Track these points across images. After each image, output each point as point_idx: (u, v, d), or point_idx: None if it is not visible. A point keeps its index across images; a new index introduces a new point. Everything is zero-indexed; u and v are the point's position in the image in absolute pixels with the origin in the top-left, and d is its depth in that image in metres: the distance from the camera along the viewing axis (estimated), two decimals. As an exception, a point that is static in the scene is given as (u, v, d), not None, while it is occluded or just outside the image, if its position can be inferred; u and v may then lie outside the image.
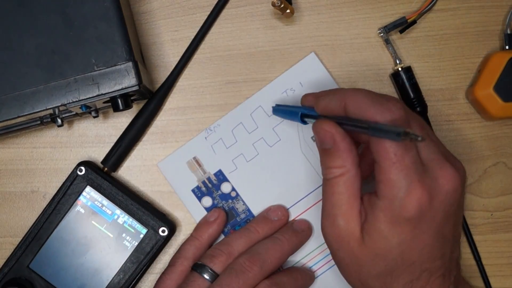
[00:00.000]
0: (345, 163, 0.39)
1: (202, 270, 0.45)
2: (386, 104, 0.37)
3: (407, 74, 0.48)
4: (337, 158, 0.39)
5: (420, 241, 0.38)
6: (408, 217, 0.36)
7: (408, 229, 0.37)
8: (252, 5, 0.50)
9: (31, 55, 0.43)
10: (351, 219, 0.39)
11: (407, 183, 0.36)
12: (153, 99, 0.49)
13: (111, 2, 0.43)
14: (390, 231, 0.37)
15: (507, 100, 0.47)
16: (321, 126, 0.39)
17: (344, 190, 0.39)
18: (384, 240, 0.38)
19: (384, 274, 0.39)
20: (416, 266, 0.38)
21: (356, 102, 0.38)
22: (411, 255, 0.38)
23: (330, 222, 0.39)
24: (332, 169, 0.39)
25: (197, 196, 0.49)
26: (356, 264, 0.39)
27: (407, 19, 0.49)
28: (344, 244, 0.39)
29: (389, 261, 0.38)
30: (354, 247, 0.39)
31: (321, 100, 0.41)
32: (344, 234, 0.39)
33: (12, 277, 0.47)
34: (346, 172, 0.39)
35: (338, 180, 0.39)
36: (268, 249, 0.45)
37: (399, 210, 0.36)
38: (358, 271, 0.39)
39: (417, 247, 0.38)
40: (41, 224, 0.47)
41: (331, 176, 0.39)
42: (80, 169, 0.47)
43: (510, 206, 0.50)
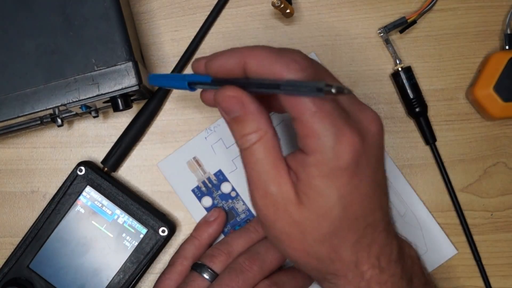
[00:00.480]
0: (260, 126, 0.36)
1: (202, 270, 0.45)
2: (291, 56, 0.34)
3: (407, 74, 0.48)
4: (250, 123, 0.36)
5: (359, 192, 0.35)
6: (344, 165, 0.34)
7: (346, 180, 0.34)
8: (252, 5, 0.50)
9: (31, 55, 0.43)
10: (283, 182, 0.35)
11: (335, 129, 0.33)
12: (153, 99, 0.49)
13: (111, 2, 0.43)
14: (328, 186, 0.34)
15: (507, 100, 0.47)
16: (224, 94, 0.36)
17: (267, 155, 0.36)
18: (323, 197, 0.34)
19: (330, 236, 0.35)
20: (360, 221, 0.36)
21: (258, 59, 0.35)
22: (354, 209, 0.35)
23: (261, 192, 0.36)
24: (248, 136, 0.36)
25: (197, 196, 0.49)
26: (297, 231, 0.36)
27: (407, 19, 0.49)
28: (281, 211, 0.36)
29: (333, 220, 0.35)
30: (293, 212, 0.35)
31: (215, 61, 0.37)
32: (280, 200, 0.35)
33: (12, 277, 0.47)
34: (263, 135, 0.36)
35: (257, 146, 0.36)
36: (268, 249, 0.45)
37: (332, 160, 0.34)
38: (301, 239, 0.36)
39: (357, 199, 0.35)
40: (41, 224, 0.47)
41: (248, 144, 0.36)
42: (80, 169, 0.47)
43: (510, 206, 0.50)
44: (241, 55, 0.36)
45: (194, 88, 0.40)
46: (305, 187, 0.35)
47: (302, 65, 0.34)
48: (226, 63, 0.36)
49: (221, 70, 0.37)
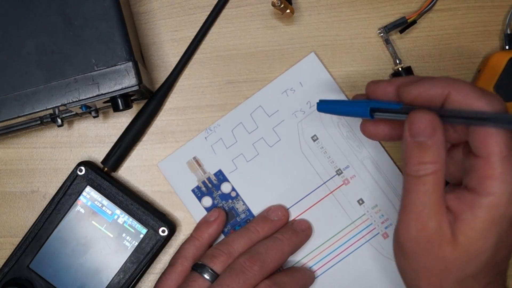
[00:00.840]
0: (439, 159, 0.35)
1: (202, 270, 0.45)
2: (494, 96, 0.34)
3: (407, 74, 0.48)
4: (434, 152, 0.35)
5: (509, 240, 0.36)
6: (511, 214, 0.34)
7: (506, 228, 0.35)
8: (252, 5, 0.50)
9: (31, 55, 0.43)
10: (443, 220, 0.35)
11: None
12: (153, 99, 0.49)
13: (111, 2, 0.43)
14: (490, 231, 0.35)
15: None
16: (421, 115, 0.35)
17: (436, 189, 0.35)
18: (482, 241, 0.35)
19: (470, 277, 0.36)
20: (497, 267, 0.37)
21: (463, 91, 0.35)
22: (500, 254, 0.36)
23: (420, 225, 0.36)
24: (426, 164, 0.35)
25: (197, 196, 0.49)
26: (442, 269, 0.36)
27: (407, 19, 0.49)
28: (435, 247, 0.36)
29: (481, 263, 0.36)
30: (446, 250, 0.35)
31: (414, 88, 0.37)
32: (435, 236, 0.36)
33: (12, 277, 0.47)
34: (439, 169, 0.35)
35: (430, 178, 0.35)
36: (268, 249, 0.45)
37: (505, 206, 0.34)
38: (441, 276, 0.37)
39: (505, 247, 0.36)
40: (41, 224, 0.47)
41: (423, 172, 0.35)
42: (80, 169, 0.47)
43: (510, 206, 0.50)
44: (446, 85, 0.35)
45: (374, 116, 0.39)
46: (466, 228, 0.35)
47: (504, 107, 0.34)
48: (428, 91, 0.36)
49: (420, 97, 0.36)
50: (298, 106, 0.49)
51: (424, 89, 0.36)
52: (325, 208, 0.49)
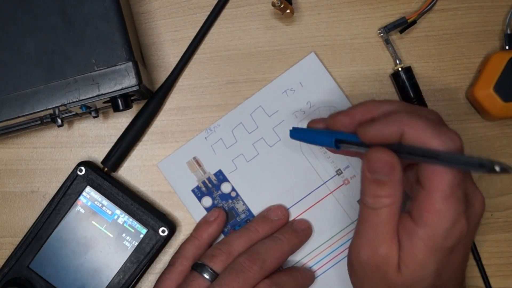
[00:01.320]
0: (396, 193, 0.37)
1: (202, 270, 0.45)
2: (449, 134, 0.35)
3: (407, 74, 0.48)
4: (390, 188, 0.37)
5: (452, 266, 0.38)
6: (449, 245, 0.36)
7: (445, 256, 0.37)
8: (252, 5, 0.50)
9: (31, 55, 0.43)
10: (392, 248, 0.37)
11: (456, 216, 0.35)
12: (153, 99, 0.49)
13: (111, 2, 0.43)
14: (429, 260, 0.36)
15: (507, 100, 0.47)
16: (378, 155, 0.36)
17: (389, 220, 0.37)
18: (422, 269, 0.37)
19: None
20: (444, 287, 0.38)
21: (417, 130, 0.36)
22: (443, 279, 0.38)
23: (371, 250, 0.38)
24: (382, 198, 0.37)
25: (197, 196, 0.49)
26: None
27: (407, 19, 0.49)
28: (381, 273, 0.38)
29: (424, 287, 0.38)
30: (391, 277, 0.37)
31: (370, 129, 0.38)
32: (384, 263, 0.37)
33: (12, 277, 0.47)
34: (394, 203, 0.37)
35: (386, 210, 0.37)
36: (268, 249, 0.45)
37: (442, 239, 0.36)
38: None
39: (448, 272, 0.38)
40: (41, 224, 0.47)
41: (379, 205, 0.37)
42: (80, 169, 0.47)
43: (510, 206, 0.50)
44: (400, 124, 0.36)
45: (339, 146, 0.40)
46: (407, 257, 0.37)
47: (458, 146, 0.35)
48: (383, 131, 0.37)
49: (376, 137, 0.37)
50: (298, 106, 0.49)
51: (378, 130, 0.37)
52: (325, 208, 0.49)
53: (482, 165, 0.31)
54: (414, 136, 0.35)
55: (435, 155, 0.34)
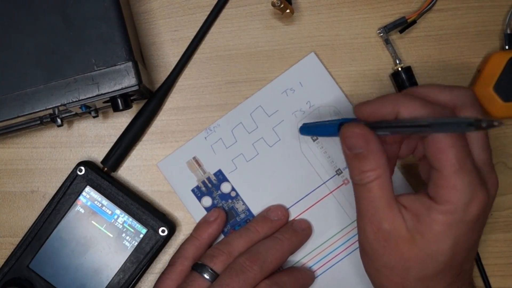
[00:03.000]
0: (379, 165, 0.38)
1: (202, 270, 0.45)
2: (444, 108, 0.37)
3: (407, 74, 0.48)
4: (371, 161, 0.38)
5: (469, 243, 0.38)
6: (468, 220, 0.36)
7: (464, 232, 0.37)
8: (252, 5, 0.50)
9: (31, 55, 0.43)
10: (396, 221, 0.38)
11: (471, 188, 0.36)
12: (153, 99, 0.49)
13: (111, 2, 0.43)
14: (447, 234, 0.37)
15: (507, 100, 0.47)
16: (351, 130, 0.38)
17: (382, 194, 0.38)
18: (439, 242, 0.37)
19: (430, 277, 0.38)
20: (458, 267, 0.38)
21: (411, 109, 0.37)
22: (459, 256, 0.38)
23: (375, 228, 0.38)
24: (367, 172, 0.38)
25: (197, 196, 0.49)
26: (402, 267, 0.38)
27: (407, 19, 0.49)
28: (392, 246, 0.38)
29: (439, 263, 0.38)
30: (403, 249, 0.38)
31: (366, 107, 0.39)
32: (392, 236, 0.38)
33: (12, 277, 0.47)
34: (381, 174, 0.38)
35: (375, 184, 0.38)
36: (268, 249, 0.45)
37: (461, 213, 0.36)
38: (402, 275, 0.38)
39: (465, 249, 0.38)
40: (41, 224, 0.47)
41: (367, 180, 0.38)
42: (80, 169, 0.47)
43: (510, 206, 0.50)
44: (395, 104, 0.37)
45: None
46: (424, 228, 0.37)
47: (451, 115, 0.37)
48: (378, 110, 0.38)
49: (372, 116, 0.39)
50: (298, 106, 0.49)
51: (374, 108, 0.39)
52: (325, 208, 0.49)
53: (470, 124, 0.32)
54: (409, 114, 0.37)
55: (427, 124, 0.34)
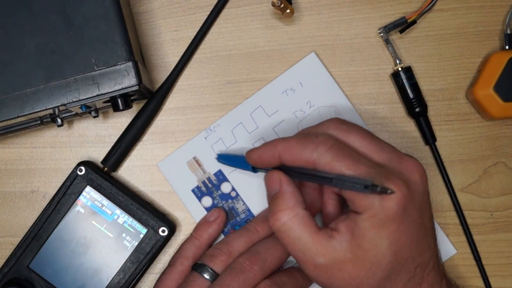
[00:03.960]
0: (293, 204, 0.40)
1: (202, 270, 0.45)
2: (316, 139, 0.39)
3: (407, 74, 0.48)
4: (285, 200, 0.40)
5: (407, 236, 0.38)
6: (392, 215, 0.37)
7: (395, 227, 0.38)
8: (252, 5, 0.50)
9: (31, 55, 0.43)
10: (328, 251, 0.38)
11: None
12: (153, 99, 0.49)
13: (111, 2, 0.43)
14: (379, 235, 0.38)
15: (507, 100, 0.47)
16: (270, 174, 0.42)
17: (303, 232, 0.39)
18: (376, 247, 0.38)
19: (384, 281, 0.39)
20: (410, 262, 0.39)
21: (288, 149, 0.40)
22: (403, 252, 0.38)
23: (311, 266, 0.39)
24: (281, 212, 0.40)
25: (197, 196, 0.49)
26: (355, 285, 0.39)
27: (407, 19, 0.49)
28: (336, 273, 0.39)
29: (385, 265, 0.38)
30: (348, 269, 0.38)
31: (253, 152, 0.43)
32: (330, 266, 0.39)
33: (12, 277, 0.47)
34: (297, 213, 0.39)
35: (290, 224, 0.39)
36: (268, 249, 0.45)
37: (381, 212, 0.37)
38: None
39: (406, 243, 0.38)
40: (41, 224, 0.47)
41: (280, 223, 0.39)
42: (80, 169, 0.47)
43: (510, 206, 0.50)
44: (275, 147, 0.41)
45: (257, 170, 0.45)
46: (359, 240, 0.38)
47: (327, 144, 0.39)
48: (262, 154, 0.42)
49: (260, 160, 0.42)
50: (298, 106, 0.49)
51: (259, 153, 0.42)
52: (325, 208, 0.49)
53: (366, 186, 0.36)
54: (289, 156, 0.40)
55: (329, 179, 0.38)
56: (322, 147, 0.39)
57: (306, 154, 0.39)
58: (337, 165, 0.38)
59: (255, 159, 0.43)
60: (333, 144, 0.39)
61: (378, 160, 0.40)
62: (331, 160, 0.38)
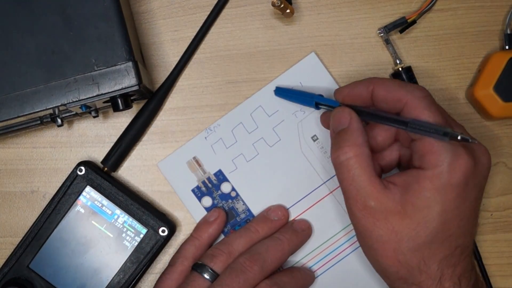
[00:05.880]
0: (358, 143, 0.40)
1: (203, 270, 0.45)
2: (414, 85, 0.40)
3: (407, 74, 0.48)
4: (350, 137, 0.40)
5: (459, 211, 0.38)
6: (455, 182, 0.37)
7: (452, 197, 0.38)
8: (252, 5, 0.50)
9: (31, 55, 0.43)
10: (381, 196, 0.39)
11: (453, 150, 0.37)
12: (153, 99, 0.49)
13: (111, 2, 0.43)
14: (435, 199, 0.38)
15: (507, 100, 0.47)
16: (339, 110, 0.42)
17: (362, 172, 0.39)
18: (428, 208, 0.38)
19: (423, 247, 0.39)
20: (452, 239, 0.39)
21: (385, 86, 0.40)
22: (451, 225, 0.38)
23: (360, 206, 0.39)
24: (345, 148, 0.40)
25: (197, 196, 0.49)
26: (394, 240, 0.39)
27: (407, 19, 0.49)
28: (381, 221, 0.39)
29: (431, 231, 0.38)
30: (393, 222, 0.38)
31: (343, 88, 0.43)
32: (379, 212, 0.39)
33: (12, 277, 0.47)
34: (360, 153, 0.39)
35: (353, 162, 0.39)
36: (268, 249, 0.45)
37: (447, 175, 0.37)
38: (395, 248, 0.39)
39: (456, 218, 0.38)
40: (41, 224, 0.47)
41: (344, 157, 0.40)
42: (80, 169, 0.47)
43: (510, 206, 0.50)
44: (370, 83, 0.41)
45: (319, 107, 0.46)
46: (413, 197, 0.38)
47: (424, 93, 0.39)
48: (354, 89, 0.42)
49: (349, 96, 0.43)
50: (298, 106, 0.49)
51: (351, 88, 0.43)
52: (325, 208, 0.49)
53: (446, 133, 0.36)
54: (383, 91, 0.40)
55: (404, 123, 0.38)
56: (419, 93, 0.39)
57: (401, 92, 0.39)
58: (427, 113, 0.38)
59: (346, 93, 0.43)
60: (428, 94, 0.40)
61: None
62: (424, 107, 0.39)
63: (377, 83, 0.41)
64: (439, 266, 0.39)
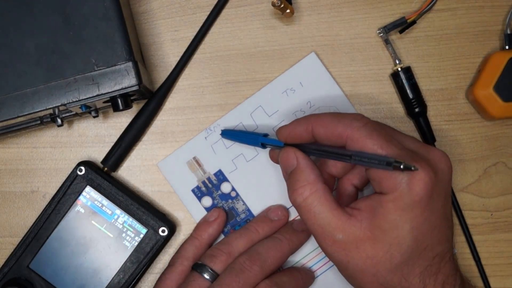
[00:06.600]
0: (312, 180, 0.40)
1: (202, 270, 0.45)
2: (352, 116, 0.40)
3: (406, 74, 0.48)
4: (303, 177, 0.40)
5: (430, 223, 0.38)
6: (418, 199, 0.37)
7: (419, 212, 0.37)
8: (252, 5, 0.50)
9: (31, 55, 0.43)
10: (347, 227, 0.39)
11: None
12: (153, 99, 0.49)
13: (111, 2, 0.43)
14: (402, 218, 0.37)
15: (507, 100, 0.47)
16: (284, 152, 0.42)
17: (323, 208, 0.39)
18: (397, 229, 0.37)
19: (401, 265, 0.38)
20: (429, 250, 0.39)
21: (323, 123, 0.40)
22: (424, 239, 0.38)
23: (329, 242, 0.39)
24: (300, 189, 0.40)
25: (197, 196, 0.49)
26: (371, 265, 0.39)
27: (407, 19, 0.49)
28: (354, 251, 0.39)
29: (405, 249, 0.38)
30: (366, 249, 0.38)
31: (285, 128, 0.43)
32: (349, 243, 0.39)
33: (12, 277, 0.47)
34: (317, 189, 0.39)
35: (311, 200, 0.39)
36: (268, 249, 0.45)
37: (408, 194, 0.37)
38: (374, 273, 0.39)
39: (428, 230, 0.38)
40: (41, 224, 0.47)
41: (301, 198, 0.40)
42: (80, 169, 0.47)
43: (510, 206, 0.50)
44: (309, 122, 0.41)
45: (265, 147, 0.46)
46: (381, 221, 0.38)
47: (362, 122, 0.39)
48: (294, 129, 0.42)
49: (291, 136, 0.42)
50: (298, 106, 0.49)
51: (291, 129, 0.42)
52: (325, 208, 0.49)
53: (389, 163, 0.36)
54: (322, 129, 0.40)
55: (348, 156, 0.38)
56: (357, 123, 0.39)
57: (340, 128, 0.39)
58: (370, 142, 0.38)
59: (286, 134, 0.43)
60: (368, 122, 0.39)
61: (408, 147, 0.39)
62: (365, 136, 0.38)
63: (315, 122, 0.41)
64: (420, 278, 0.39)
